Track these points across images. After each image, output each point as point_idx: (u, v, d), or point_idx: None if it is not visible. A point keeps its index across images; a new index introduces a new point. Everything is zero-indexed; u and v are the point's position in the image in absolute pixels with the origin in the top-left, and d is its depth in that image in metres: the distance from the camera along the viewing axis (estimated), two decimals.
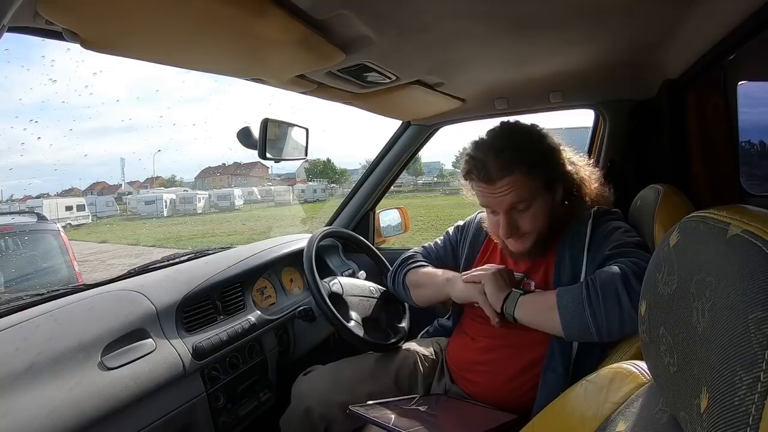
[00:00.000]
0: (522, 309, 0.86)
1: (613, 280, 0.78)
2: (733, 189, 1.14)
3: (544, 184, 0.91)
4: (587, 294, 0.80)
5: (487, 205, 0.94)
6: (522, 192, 0.88)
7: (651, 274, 0.42)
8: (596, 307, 0.78)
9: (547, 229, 0.93)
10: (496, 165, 0.87)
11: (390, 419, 0.83)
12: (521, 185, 0.87)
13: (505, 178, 0.87)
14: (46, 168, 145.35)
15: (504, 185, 0.87)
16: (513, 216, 0.90)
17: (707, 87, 1.08)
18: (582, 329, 0.79)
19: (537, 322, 0.86)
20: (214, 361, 0.99)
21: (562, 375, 0.86)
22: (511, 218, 0.90)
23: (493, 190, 0.89)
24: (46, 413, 0.67)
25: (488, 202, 0.92)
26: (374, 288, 1.26)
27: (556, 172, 0.93)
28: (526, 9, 0.73)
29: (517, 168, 0.87)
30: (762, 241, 0.29)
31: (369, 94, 1.11)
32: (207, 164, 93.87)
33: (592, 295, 0.79)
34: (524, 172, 0.87)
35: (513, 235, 0.92)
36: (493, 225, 0.95)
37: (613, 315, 0.77)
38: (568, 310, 0.81)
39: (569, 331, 0.81)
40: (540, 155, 0.90)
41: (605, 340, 0.80)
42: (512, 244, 0.95)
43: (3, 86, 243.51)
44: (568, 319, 0.80)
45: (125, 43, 0.68)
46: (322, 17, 0.68)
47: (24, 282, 3.17)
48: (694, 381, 0.32)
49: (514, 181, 0.87)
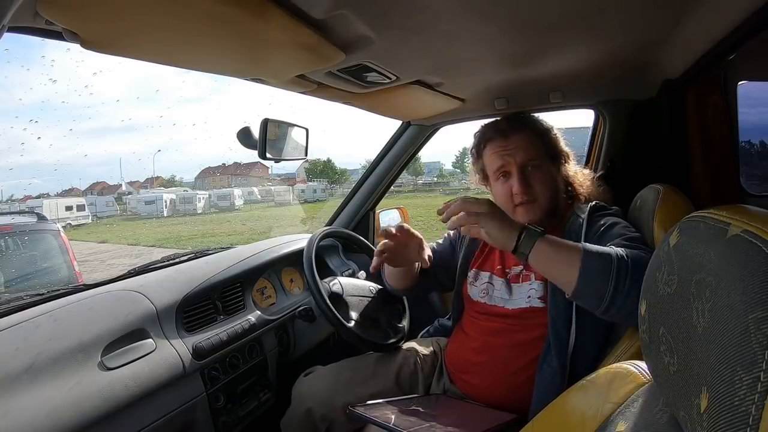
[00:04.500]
0: (537, 254, 0.76)
1: (643, 261, 0.71)
2: (733, 189, 1.14)
3: (550, 154, 1.00)
4: (618, 263, 0.72)
5: (501, 166, 0.98)
6: (533, 150, 0.97)
7: (651, 274, 0.42)
8: (622, 281, 0.71)
9: (553, 205, 0.97)
10: (510, 123, 1.00)
11: (390, 419, 0.83)
12: (533, 144, 0.97)
13: (518, 133, 0.97)
14: (46, 168, 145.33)
15: (518, 140, 0.97)
16: (526, 173, 0.96)
17: (707, 87, 1.08)
18: (596, 297, 0.73)
19: (550, 272, 0.79)
20: (214, 361, 0.99)
21: (558, 370, 0.86)
22: (524, 175, 0.95)
23: (507, 146, 0.97)
24: (46, 413, 0.67)
25: (503, 162, 0.97)
26: (374, 288, 1.26)
27: (558, 150, 1.03)
28: (526, 9, 0.73)
29: (529, 128, 0.99)
30: (762, 241, 0.29)
31: (369, 94, 1.11)
32: (207, 164, 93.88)
33: (621, 267, 0.72)
34: (534, 133, 0.99)
35: (527, 190, 0.94)
36: (506, 191, 0.97)
37: (633, 296, 0.69)
38: (590, 274, 0.73)
39: (582, 291, 0.74)
40: (545, 129, 1.03)
41: (606, 317, 0.74)
42: (523, 213, 0.95)
43: (3, 86, 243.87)
44: (585, 281, 0.73)
45: (125, 43, 0.68)
46: (322, 17, 0.68)
47: (24, 282, 3.17)
48: (694, 381, 0.32)
49: (527, 138, 0.97)
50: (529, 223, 0.81)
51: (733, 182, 1.14)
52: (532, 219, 0.94)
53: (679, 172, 1.11)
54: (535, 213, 0.95)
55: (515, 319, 0.95)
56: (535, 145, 0.97)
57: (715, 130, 1.09)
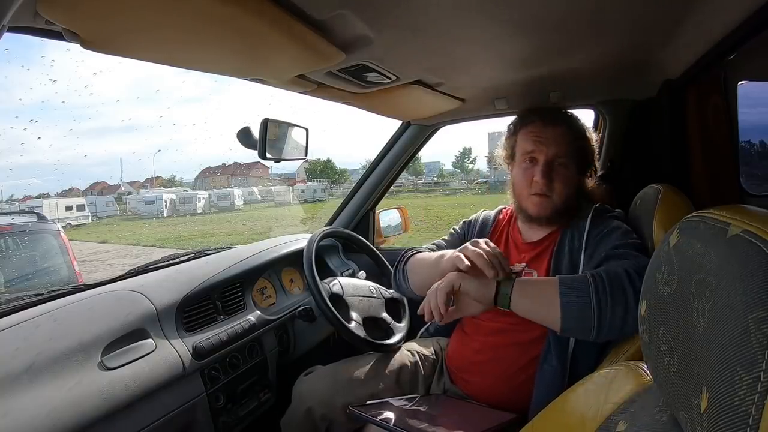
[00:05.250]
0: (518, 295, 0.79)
1: (621, 278, 0.75)
2: (733, 189, 1.14)
3: (579, 162, 0.99)
4: (595, 288, 0.74)
5: (532, 149, 0.97)
6: (565, 148, 0.96)
7: (651, 274, 0.42)
8: (603, 306, 0.73)
9: (566, 206, 0.97)
10: (553, 114, 1.00)
11: (390, 419, 0.83)
12: (567, 141, 0.97)
13: (558, 126, 0.97)
14: (46, 168, 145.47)
15: (555, 133, 0.96)
16: (551, 168, 0.96)
17: (707, 87, 1.08)
18: (582, 326, 0.75)
19: (533, 313, 0.80)
20: (214, 361, 0.99)
21: (558, 370, 0.86)
22: (549, 169, 0.95)
23: (544, 133, 0.96)
24: (46, 413, 0.67)
25: (534, 145, 0.97)
26: (374, 288, 1.26)
27: (590, 162, 1.03)
28: (526, 9, 0.73)
29: (569, 126, 0.99)
30: (762, 241, 0.29)
31: (369, 94, 1.11)
32: (207, 164, 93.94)
33: (600, 290, 0.74)
34: (573, 133, 0.98)
35: (547, 185, 0.94)
36: (526, 177, 0.98)
37: (618, 316, 0.73)
38: (570, 304, 0.75)
39: (567, 324, 0.75)
40: (586, 137, 1.02)
41: (601, 340, 0.77)
42: (536, 204, 0.96)
43: (3, 86, 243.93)
44: (569, 313, 0.75)
45: (125, 43, 0.68)
46: (322, 17, 0.68)
47: (24, 282, 3.17)
48: (694, 381, 0.32)
49: (563, 133, 0.97)
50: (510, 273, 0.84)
51: (733, 182, 1.14)
52: (542, 213, 0.96)
53: (679, 172, 1.11)
54: (547, 208, 0.96)
55: (516, 319, 0.95)
56: (569, 145, 0.97)
57: (715, 130, 1.09)
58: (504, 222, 1.11)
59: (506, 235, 1.08)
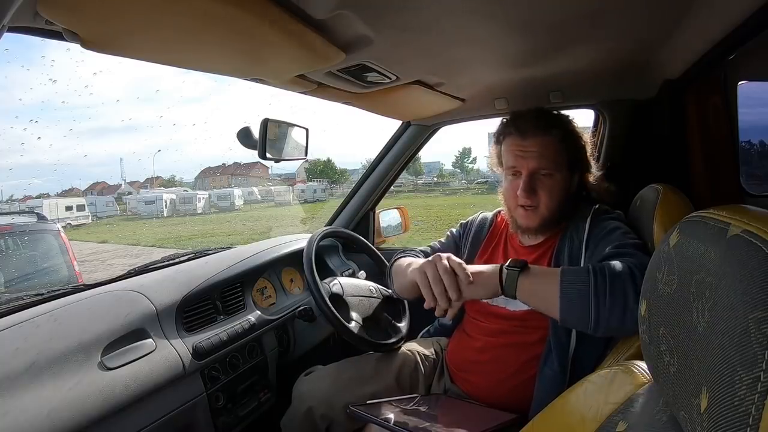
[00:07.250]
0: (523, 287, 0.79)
1: (622, 274, 0.74)
2: (733, 189, 1.14)
3: (568, 162, 0.95)
4: (594, 281, 0.74)
5: (514, 164, 0.95)
6: (549, 158, 0.92)
7: (651, 274, 0.42)
8: (602, 297, 0.73)
9: (557, 214, 0.95)
10: (533, 123, 0.94)
11: (390, 419, 0.83)
12: (550, 150, 0.93)
13: (538, 137, 0.93)
14: (46, 168, 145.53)
15: (535, 144, 0.92)
16: (534, 179, 0.94)
17: (707, 87, 1.08)
18: (580, 316, 0.74)
19: (534, 302, 0.80)
20: (214, 361, 0.99)
21: (559, 372, 0.86)
22: (532, 180, 0.93)
23: (524, 147, 0.93)
24: (46, 413, 0.67)
25: (515, 160, 0.95)
26: (374, 288, 1.26)
27: (581, 159, 0.99)
28: (526, 9, 0.73)
29: (551, 133, 0.93)
30: (762, 241, 0.29)
31: (369, 94, 1.11)
32: (207, 164, 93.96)
33: (599, 280, 0.74)
34: (557, 139, 0.93)
35: (530, 197, 0.93)
36: (512, 189, 0.96)
37: (617, 310, 0.72)
38: (570, 294, 0.75)
39: (565, 313, 0.75)
40: (574, 135, 0.98)
41: (599, 334, 0.75)
42: (523, 216, 0.95)
43: (3, 86, 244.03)
44: (567, 301, 0.75)
45: (125, 43, 0.68)
46: (322, 17, 0.68)
47: (24, 282, 3.17)
48: (694, 381, 0.32)
49: (545, 144, 0.93)
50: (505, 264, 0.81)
51: (733, 182, 1.14)
52: (531, 224, 0.96)
53: (679, 172, 1.11)
54: (534, 220, 0.95)
55: (516, 321, 0.95)
56: (555, 152, 0.93)
57: (715, 130, 1.09)
58: (502, 225, 1.11)
59: (505, 238, 1.08)
